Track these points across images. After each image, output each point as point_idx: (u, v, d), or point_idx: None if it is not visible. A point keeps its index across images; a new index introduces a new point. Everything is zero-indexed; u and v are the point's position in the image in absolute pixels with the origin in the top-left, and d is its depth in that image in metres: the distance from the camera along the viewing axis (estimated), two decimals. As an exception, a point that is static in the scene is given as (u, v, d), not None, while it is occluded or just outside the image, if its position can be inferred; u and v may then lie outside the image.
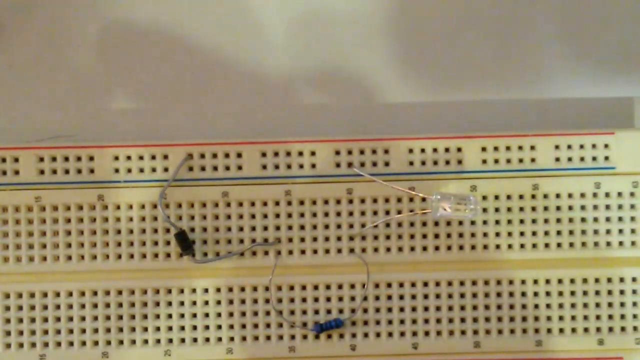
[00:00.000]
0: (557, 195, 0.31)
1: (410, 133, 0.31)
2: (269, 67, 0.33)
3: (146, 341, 0.31)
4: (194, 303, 0.31)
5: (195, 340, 0.31)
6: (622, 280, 0.31)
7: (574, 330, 0.31)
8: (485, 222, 0.31)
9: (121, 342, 0.31)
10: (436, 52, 0.33)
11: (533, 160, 0.31)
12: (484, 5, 0.33)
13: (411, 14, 0.33)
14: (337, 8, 0.33)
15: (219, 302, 0.31)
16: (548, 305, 0.31)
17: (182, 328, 0.31)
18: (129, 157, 0.30)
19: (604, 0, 0.34)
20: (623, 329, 0.31)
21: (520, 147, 0.31)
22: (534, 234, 0.31)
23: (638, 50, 0.34)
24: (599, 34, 0.34)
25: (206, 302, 0.31)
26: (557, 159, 0.31)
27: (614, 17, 0.34)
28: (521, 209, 0.31)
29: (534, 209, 0.31)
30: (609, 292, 0.31)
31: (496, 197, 0.31)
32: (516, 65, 0.33)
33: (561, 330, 0.31)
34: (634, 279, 0.31)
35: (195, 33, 0.33)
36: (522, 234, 0.31)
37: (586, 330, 0.31)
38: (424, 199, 0.30)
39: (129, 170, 0.30)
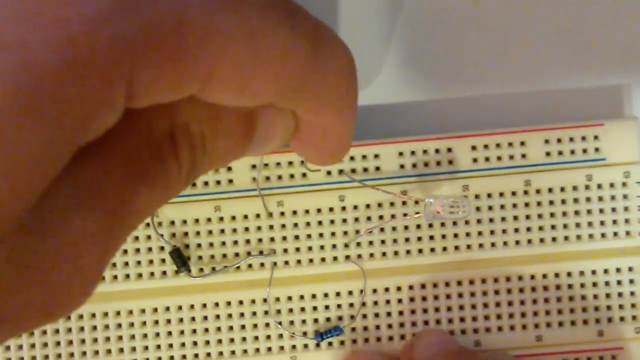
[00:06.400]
0: (550, 190, 0.31)
1: (399, 135, 0.31)
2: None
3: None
4: (193, 319, 0.31)
5: (196, 356, 0.31)
6: (618, 270, 0.31)
7: (573, 322, 0.31)
8: (479, 221, 0.31)
9: (123, 362, 0.31)
10: (424, 50, 0.33)
11: (524, 156, 0.31)
12: (477, 2, 0.33)
13: (406, 11, 0.33)
14: (336, 6, 0.33)
15: (218, 317, 0.31)
16: (546, 300, 0.31)
17: (183, 344, 0.31)
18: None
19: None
20: (622, 318, 0.31)
21: (510, 144, 0.31)
22: (528, 229, 0.31)
23: (623, 38, 0.34)
24: (583, 22, 0.33)
25: (205, 317, 0.31)
26: (548, 154, 0.31)
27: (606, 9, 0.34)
28: (514, 205, 0.31)
29: (527, 204, 0.31)
30: (607, 283, 0.31)
31: (489, 196, 0.31)
32: (509, 60, 0.33)
33: (560, 324, 0.31)
34: (630, 269, 0.31)
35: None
36: (516, 230, 0.31)
37: (585, 322, 0.31)
38: (417, 202, 0.30)
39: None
